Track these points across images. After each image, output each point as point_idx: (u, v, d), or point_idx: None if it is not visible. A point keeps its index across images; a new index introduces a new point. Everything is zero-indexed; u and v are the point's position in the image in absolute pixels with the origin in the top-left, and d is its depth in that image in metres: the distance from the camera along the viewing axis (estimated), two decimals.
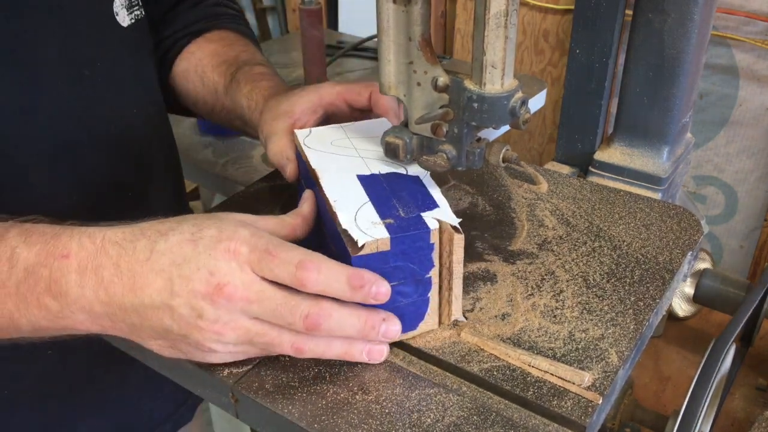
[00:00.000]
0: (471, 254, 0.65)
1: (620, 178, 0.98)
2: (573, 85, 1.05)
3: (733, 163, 1.54)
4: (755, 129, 1.49)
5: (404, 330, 0.54)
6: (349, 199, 0.56)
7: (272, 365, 0.54)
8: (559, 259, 0.64)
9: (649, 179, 0.96)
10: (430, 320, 0.56)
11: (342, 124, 0.67)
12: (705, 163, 1.57)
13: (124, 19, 0.72)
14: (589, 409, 0.49)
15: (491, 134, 1.33)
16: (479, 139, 0.58)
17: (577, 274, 0.62)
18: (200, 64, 0.83)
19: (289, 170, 0.66)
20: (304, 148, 0.63)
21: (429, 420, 0.50)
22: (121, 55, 0.73)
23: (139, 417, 0.86)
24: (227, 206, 0.72)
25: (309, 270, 0.48)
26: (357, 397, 0.51)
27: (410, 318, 0.55)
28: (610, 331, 0.56)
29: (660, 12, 0.87)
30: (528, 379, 0.52)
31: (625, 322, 0.57)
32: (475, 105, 0.53)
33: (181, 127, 1.32)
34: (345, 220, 0.53)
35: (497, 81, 0.52)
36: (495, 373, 0.52)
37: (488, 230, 0.68)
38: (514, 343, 0.55)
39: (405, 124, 0.61)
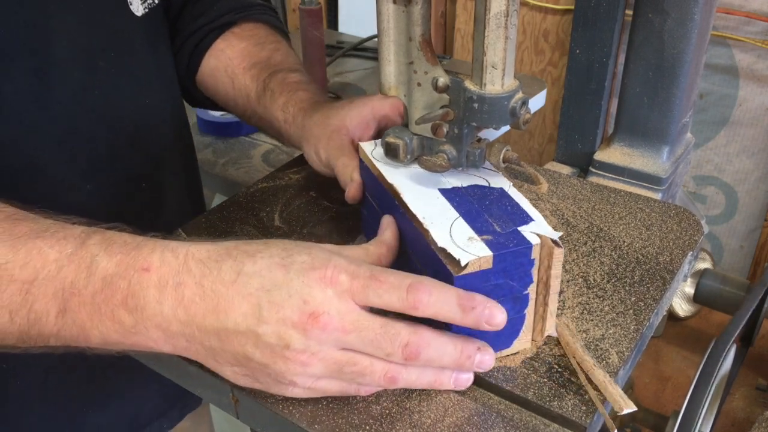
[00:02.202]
0: None
1: (620, 178, 0.98)
2: (573, 85, 1.05)
3: (733, 163, 1.54)
4: (755, 129, 1.49)
5: (499, 348, 0.52)
6: (439, 215, 0.53)
7: None
8: None
9: (649, 179, 0.96)
10: (524, 337, 0.54)
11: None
12: (705, 163, 1.57)
13: (138, 8, 0.72)
14: (590, 410, 0.49)
15: (492, 134, 1.33)
16: (479, 140, 0.58)
17: (577, 275, 0.62)
18: (230, 65, 0.80)
19: (352, 191, 0.63)
20: (375, 163, 0.60)
21: (429, 420, 0.50)
22: (136, 44, 0.72)
23: (144, 408, 0.86)
24: (227, 206, 0.72)
25: (421, 292, 0.46)
26: (357, 397, 0.51)
27: (505, 336, 0.53)
28: (610, 331, 0.56)
29: (660, 12, 0.87)
30: (529, 379, 0.52)
31: (626, 322, 0.57)
32: (476, 105, 0.53)
33: None
34: (440, 238, 0.50)
35: (497, 81, 0.52)
36: (495, 373, 0.52)
37: None
38: None
39: (405, 125, 0.61)
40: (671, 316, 1.09)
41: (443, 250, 0.49)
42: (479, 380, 0.52)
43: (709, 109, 1.51)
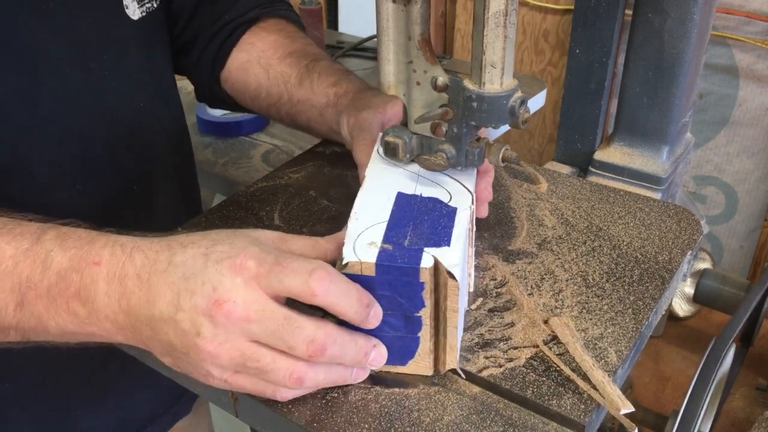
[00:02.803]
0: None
1: (620, 177, 0.98)
2: (573, 85, 1.05)
3: (733, 163, 1.54)
4: (755, 129, 1.49)
5: (392, 362, 0.52)
6: (370, 215, 0.53)
7: None
8: (559, 258, 0.64)
9: (649, 179, 0.96)
10: (422, 361, 0.53)
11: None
12: (705, 163, 1.57)
13: (134, 12, 0.72)
14: (588, 408, 0.49)
15: (491, 134, 1.33)
16: (479, 139, 0.58)
17: (576, 274, 0.62)
18: (264, 56, 0.80)
19: (361, 176, 0.63)
20: (374, 154, 0.61)
21: (428, 419, 0.50)
22: (131, 48, 0.72)
23: (138, 409, 0.87)
24: (227, 206, 0.72)
25: (323, 279, 0.46)
26: (356, 396, 0.51)
27: (399, 352, 0.52)
28: (609, 330, 0.56)
29: (660, 12, 0.87)
30: (527, 378, 0.52)
31: (625, 321, 0.57)
32: (475, 104, 0.53)
33: None
34: (349, 235, 0.51)
35: (496, 80, 0.52)
36: (495, 372, 0.52)
37: (488, 230, 0.68)
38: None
39: (404, 124, 0.61)
40: (671, 316, 1.09)
41: (342, 245, 0.50)
42: (478, 379, 0.52)
43: (709, 109, 1.51)
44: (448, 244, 0.51)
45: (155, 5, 0.75)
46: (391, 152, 0.59)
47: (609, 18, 0.97)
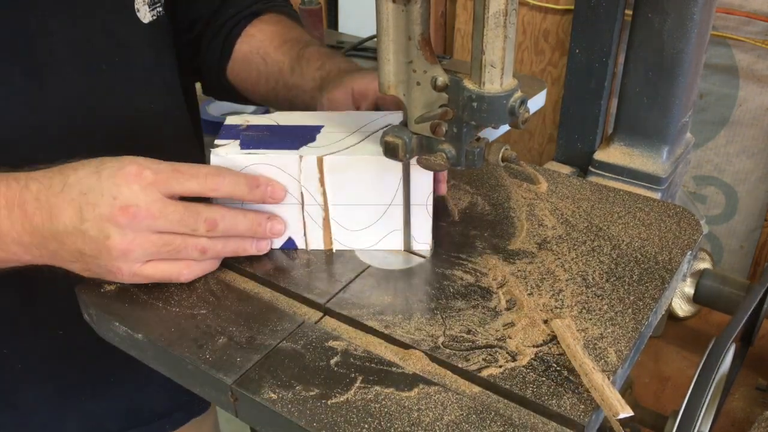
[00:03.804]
0: (471, 252, 0.65)
1: (620, 177, 0.98)
2: (573, 85, 1.05)
3: (733, 163, 1.54)
4: (755, 129, 1.49)
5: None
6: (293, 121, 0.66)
7: (272, 365, 0.54)
8: (559, 258, 0.64)
9: (649, 179, 0.96)
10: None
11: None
12: (705, 163, 1.57)
13: (145, 15, 0.73)
14: (588, 408, 0.49)
15: (491, 134, 1.33)
16: (479, 139, 0.58)
17: (576, 274, 0.62)
18: (262, 46, 0.84)
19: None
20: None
21: (428, 419, 0.50)
22: (140, 51, 0.74)
23: (148, 402, 0.87)
24: None
25: (216, 176, 0.57)
26: (356, 395, 0.51)
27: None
28: (609, 330, 0.56)
29: (660, 12, 0.87)
30: (527, 378, 0.52)
31: (624, 321, 0.57)
32: (475, 104, 0.53)
33: None
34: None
35: (496, 80, 0.52)
36: (494, 371, 0.52)
37: (488, 230, 0.68)
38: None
39: (404, 124, 0.61)
40: (671, 316, 1.09)
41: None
42: (478, 379, 0.53)
43: (709, 109, 1.51)
44: (244, 149, 0.62)
45: (163, 10, 0.76)
46: (391, 152, 0.59)
47: (609, 18, 0.97)
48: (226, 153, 0.62)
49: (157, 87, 0.77)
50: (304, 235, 0.66)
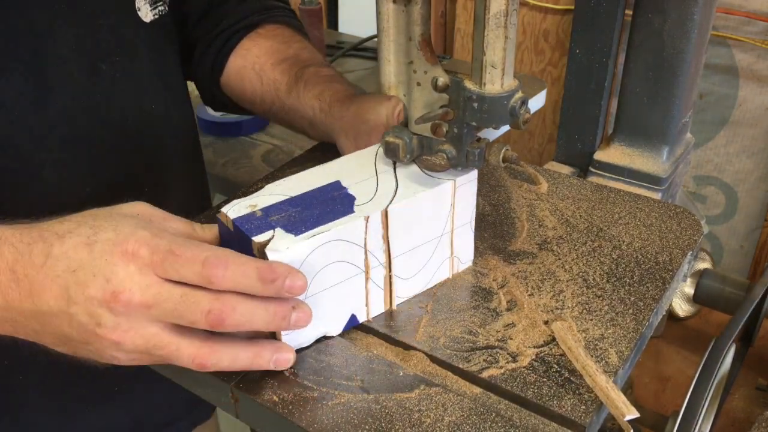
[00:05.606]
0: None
1: (620, 178, 0.98)
2: (573, 85, 1.05)
3: (733, 163, 1.54)
4: (755, 129, 1.49)
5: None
6: (289, 187, 0.57)
7: None
8: (559, 259, 0.64)
9: (649, 179, 0.96)
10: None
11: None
12: (705, 163, 1.57)
13: (146, 14, 0.72)
14: (589, 409, 0.49)
15: (491, 134, 1.33)
16: (479, 139, 0.58)
17: (577, 274, 0.62)
18: (258, 62, 0.81)
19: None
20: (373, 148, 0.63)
21: (429, 420, 0.50)
22: (142, 50, 0.73)
23: (153, 412, 0.86)
24: None
25: (215, 267, 0.46)
26: (357, 396, 0.51)
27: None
28: (610, 331, 0.56)
29: (660, 12, 0.87)
30: (528, 378, 0.52)
31: (625, 322, 0.57)
32: (475, 105, 0.53)
33: None
34: (257, 193, 0.56)
35: (497, 81, 0.52)
36: (495, 372, 0.52)
37: (488, 230, 0.68)
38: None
39: (405, 124, 0.61)
40: (671, 316, 1.09)
41: (218, 238, 0.55)
42: (479, 379, 0.53)
43: (709, 109, 1.51)
44: (299, 234, 0.51)
45: (166, 8, 0.75)
46: (391, 152, 0.59)
47: (609, 18, 0.97)
48: (285, 246, 0.50)
49: (160, 88, 0.77)
50: (366, 305, 0.57)
